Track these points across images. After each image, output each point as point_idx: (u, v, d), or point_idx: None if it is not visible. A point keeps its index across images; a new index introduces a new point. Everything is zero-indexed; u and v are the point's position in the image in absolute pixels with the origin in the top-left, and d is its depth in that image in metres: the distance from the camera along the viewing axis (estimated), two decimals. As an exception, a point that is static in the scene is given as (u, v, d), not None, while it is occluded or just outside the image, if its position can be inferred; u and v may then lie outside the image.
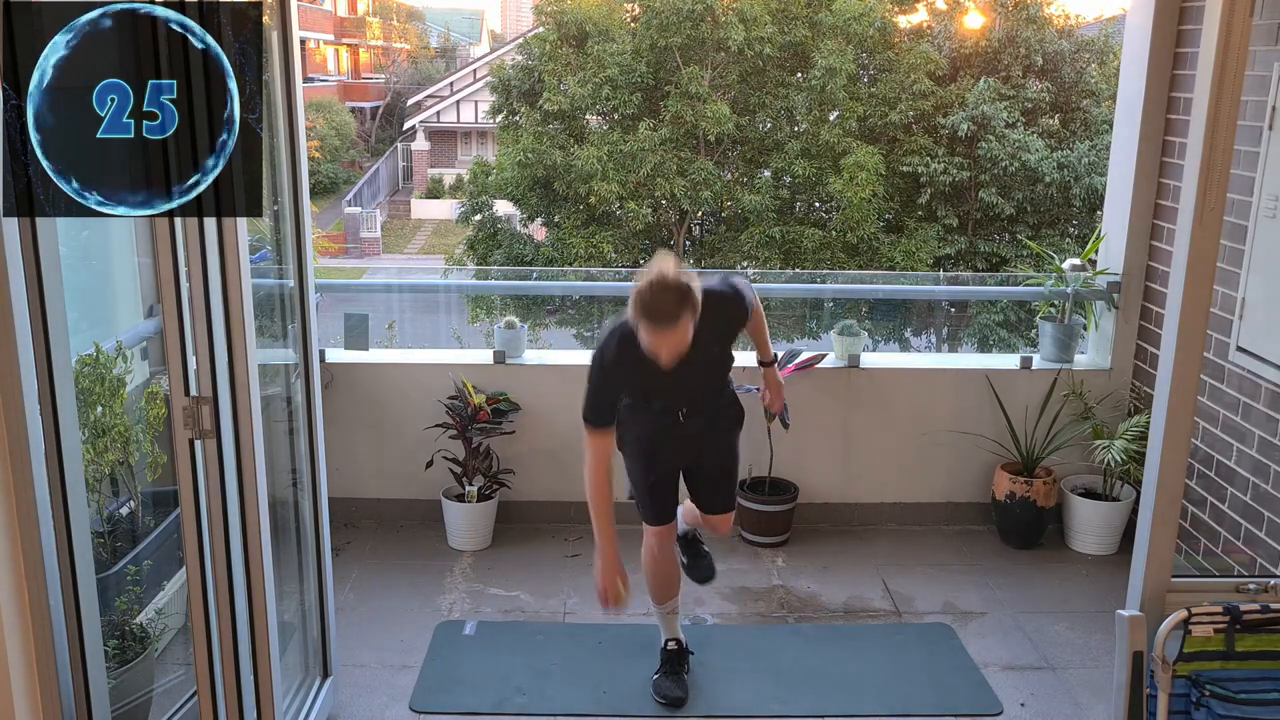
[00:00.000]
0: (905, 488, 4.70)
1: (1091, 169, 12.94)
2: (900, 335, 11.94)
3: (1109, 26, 14.83)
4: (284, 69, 2.76)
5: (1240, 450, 3.85)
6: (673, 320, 2.73)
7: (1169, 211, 4.32)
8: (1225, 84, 2.24)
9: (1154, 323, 4.44)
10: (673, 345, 2.79)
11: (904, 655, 3.70)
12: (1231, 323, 3.83)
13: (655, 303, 2.73)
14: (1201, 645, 2.42)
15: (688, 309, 2.74)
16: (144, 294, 3.74)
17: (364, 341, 4.57)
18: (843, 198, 13.07)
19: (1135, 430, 4.26)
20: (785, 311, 8.61)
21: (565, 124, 14.17)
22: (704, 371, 3.09)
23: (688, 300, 2.74)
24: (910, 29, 14.55)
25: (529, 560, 4.33)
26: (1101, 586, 4.17)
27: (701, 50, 13.71)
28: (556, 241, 14.02)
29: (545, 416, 4.49)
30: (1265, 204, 3.64)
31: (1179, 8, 4.23)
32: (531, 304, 10.30)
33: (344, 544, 4.39)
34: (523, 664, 3.57)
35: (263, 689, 2.54)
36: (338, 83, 33.26)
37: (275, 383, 3.05)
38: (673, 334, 2.76)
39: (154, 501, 3.35)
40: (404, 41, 38.28)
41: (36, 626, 2.21)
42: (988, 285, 8.74)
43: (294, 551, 3.13)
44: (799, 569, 4.31)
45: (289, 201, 2.92)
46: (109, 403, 3.00)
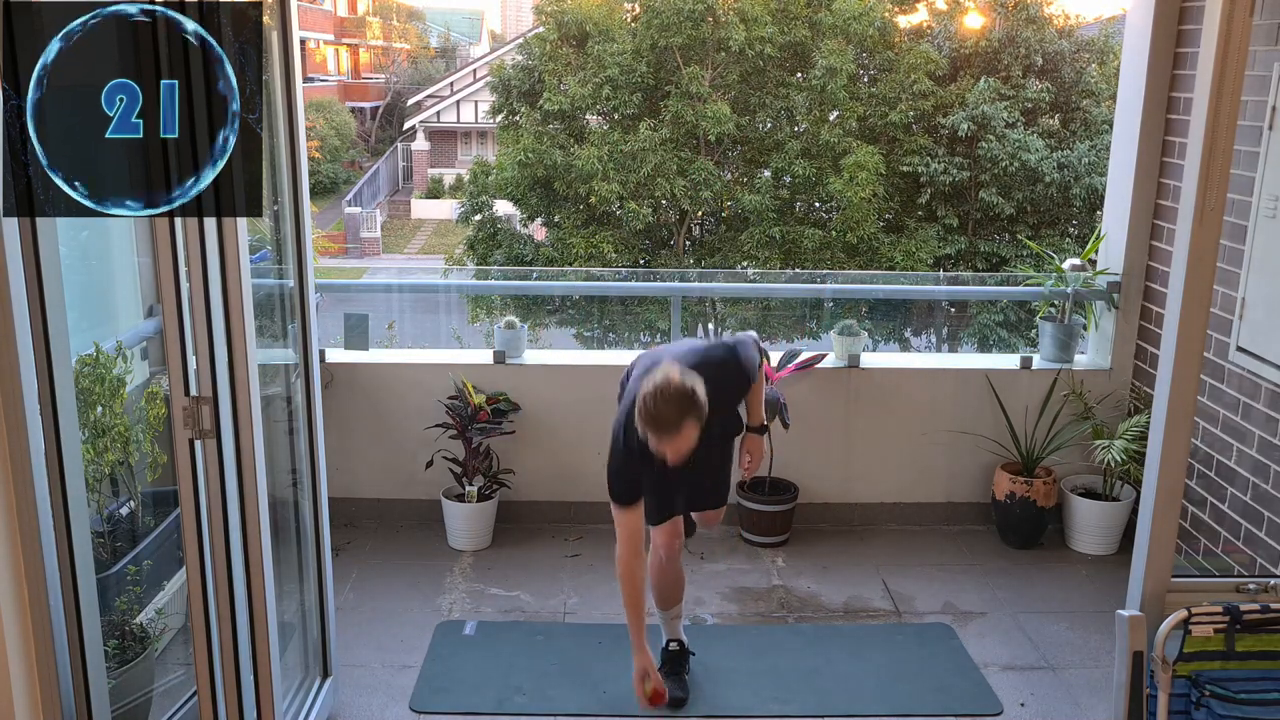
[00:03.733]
0: (905, 488, 4.70)
1: (1091, 169, 12.93)
2: (900, 335, 11.95)
3: (1109, 26, 14.81)
4: (284, 69, 2.76)
5: (1240, 450, 3.84)
6: (675, 429, 2.79)
7: (1169, 211, 4.32)
8: (1225, 84, 2.24)
9: (1154, 323, 4.44)
10: (677, 449, 2.85)
11: (904, 655, 3.70)
12: (1231, 323, 3.83)
13: (658, 413, 2.78)
14: (1201, 645, 2.42)
15: (691, 416, 2.79)
16: (144, 294, 3.74)
17: (364, 341, 4.57)
18: (843, 198, 13.06)
19: (1135, 430, 4.26)
20: (785, 311, 8.62)
21: (565, 124, 14.16)
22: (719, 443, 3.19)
23: (690, 409, 2.78)
24: (910, 29, 14.53)
25: (529, 560, 4.33)
26: (1101, 586, 4.17)
27: (702, 50, 13.70)
28: (556, 241, 14.01)
29: (545, 416, 4.50)
30: (1265, 204, 3.64)
31: (1179, 8, 4.23)
32: (531, 304, 10.31)
33: (344, 544, 4.39)
34: (523, 664, 3.57)
35: (263, 689, 2.54)
36: (338, 83, 33.25)
37: (275, 383, 3.05)
38: (677, 439, 2.82)
39: (154, 501, 3.35)
40: (404, 41, 38.27)
41: (36, 626, 2.21)
42: (988, 285, 8.74)
43: (294, 551, 3.13)
44: (799, 569, 4.31)
45: (289, 201, 2.92)
46: (109, 403, 3.00)
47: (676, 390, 2.76)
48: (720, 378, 3.00)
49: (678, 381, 2.77)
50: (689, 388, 2.77)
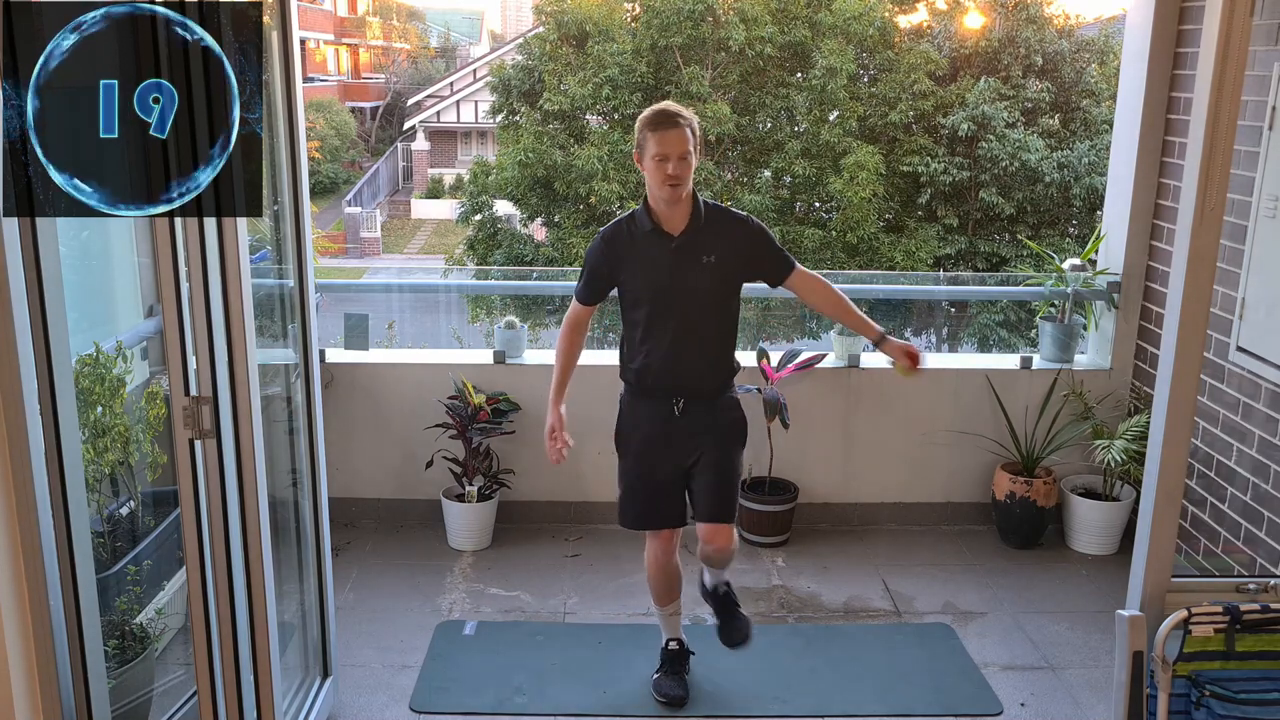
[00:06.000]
0: (905, 488, 4.70)
1: (1091, 169, 12.94)
2: (900, 335, 11.93)
3: (1109, 26, 14.82)
4: (284, 69, 2.76)
5: (1240, 450, 3.84)
6: (675, 122, 2.92)
7: (1169, 211, 4.32)
8: (1225, 84, 2.24)
9: (1154, 323, 4.44)
10: (680, 153, 2.92)
11: (904, 655, 3.70)
12: (1231, 323, 3.83)
13: (659, 110, 2.96)
14: (1201, 645, 2.42)
15: (688, 121, 2.94)
16: (144, 294, 3.74)
17: (364, 341, 4.57)
18: (843, 198, 13.07)
19: (1135, 430, 4.26)
20: (785, 311, 8.61)
21: (565, 124, 14.17)
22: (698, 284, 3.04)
23: (686, 117, 2.95)
24: (910, 29, 14.54)
25: (529, 560, 4.33)
26: (1101, 586, 4.17)
27: (702, 50, 13.71)
28: (556, 241, 14.02)
29: (545, 416, 4.48)
30: (1265, 204, 3.64)
31: (1179, 8, 4.23)
32: (531, 304, 10.30)
33: (344, 544, 4.39)
34: (523, 664, 3.57)
35: (263, 689, 2.54)
36: (338, 83, 33.24)
37: (275, 383, 3.05)
38: (678, 135, 2.91)
39: (154, 501, 3.35)
40: (404, 41, 38.28)
41: (36, 626, 2.21)
42: (988, 285, 8.73)
43: (294, 551, 3.13)
44: (799, 569, 4.31)
45: (289, 201, 2.92)
46: (109, 403, 3.00)
47: (675, 105, 2.99)
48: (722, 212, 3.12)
49: (676, 104, 3.02)
50: (687, 109, 2.99)
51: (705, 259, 3.03)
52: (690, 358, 3.10)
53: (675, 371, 3.10)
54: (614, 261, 3.10)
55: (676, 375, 3.10)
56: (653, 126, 2.93)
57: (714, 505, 3.15)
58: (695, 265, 3.02)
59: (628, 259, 3.08)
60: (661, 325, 3.07)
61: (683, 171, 2.93)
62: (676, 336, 3.07)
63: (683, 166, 2.93)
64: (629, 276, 3.09)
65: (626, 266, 3.09)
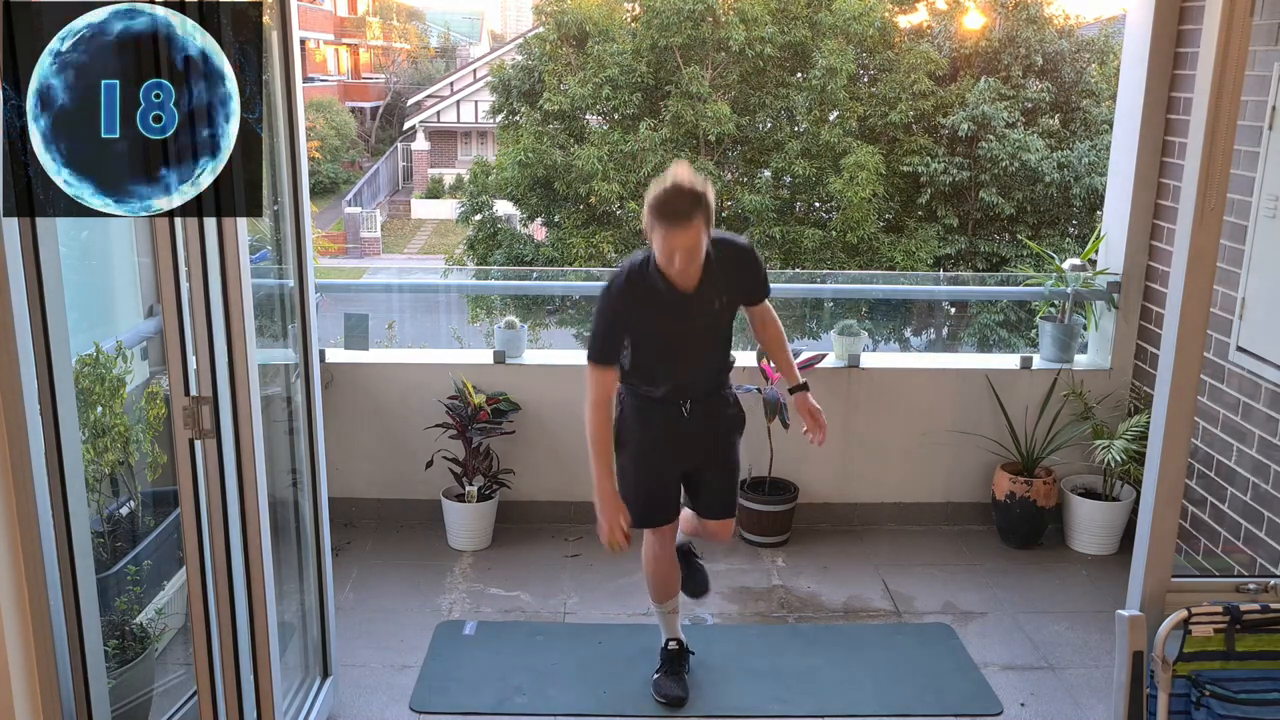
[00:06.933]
0: (905, 488, 4.70)
1: (1091, 169, 12.94)
2: (900, 335, 11.94)
3: (1109, 26, 14.82)
4: (284, 69, 2.76)
5: (1240, 450, 3.85)
6: (686, 219, 2.81)
7: (1169, 211, 4.32)
8: (1225, 84, 2.24)
9: (1154, 323, 4.44)
10: (687, 246, 2.84)
11: (904, 655, 3.70)
12: (1231, 323, 3.83)
13: (670, 201, 2.82)
14: (1201, 645, 2.42)
15: (700, 210, 2.82)
16: (144, 294, 3.74)
17: (364, 341, 4.57)
18: (843, 198, 13.06)
19: (1135, 430, 4.26)
20: (785, 311, 8.62)
21: (565, 124, 14.16)
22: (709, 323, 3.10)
23: (701, 202, 2.83)
24: (910, 29, 14.53)
25: (529, 560, 4.33)
26: (1101, 586, 4.17)
27: (702, 50, 13.70)
28: (556, 241, 14.01)
29: (545, 416, 4.50)
30: (1265, 204, 3.64)
31: (1179, 8, 4.23)
32: (531, 304, 10.30)
33: (344, 544, 4.39)
34: (523, 664, 3.57)
35: (263, 689, 2.54)
36: (338, 83, 33.25)
37: (275, 383, 3.05)
38: (687, 232, 2.82)
39: (154, 501, 3.35)
40: (404, 41, 38.27)
41: (36, 626, 2.21)
42: (988, 285, 8.74)
43: (294, 551, 3.13)
44: (799, 569, 4.31)
45: (289, 201, 2.92)
46: (109, 403, 3.00)
47: (689, 183, 2.83)
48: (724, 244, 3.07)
49: (689, 177, 2.84)
50: (700, 185, 2.85)
51: (718, 303, 3.06)
52: (697, 372, 3.18)
53: (683, 385, 3.15)
54: (634, 308, 3.04)
55: (684, 388, 3.16)
56: (662, 218, 2.84)
57: (725, 504, 3.32)
58: (708, 310, 3.06)
59: (649, 306, 3.02)
60: (671, 356, 3.13)
61: (692, 262, 2.90)
62: (688, 364, 3.15)
63: (692, 257, 2.88)
64: (645, 321, 3.06)
65: (645, 313, 3.04)
